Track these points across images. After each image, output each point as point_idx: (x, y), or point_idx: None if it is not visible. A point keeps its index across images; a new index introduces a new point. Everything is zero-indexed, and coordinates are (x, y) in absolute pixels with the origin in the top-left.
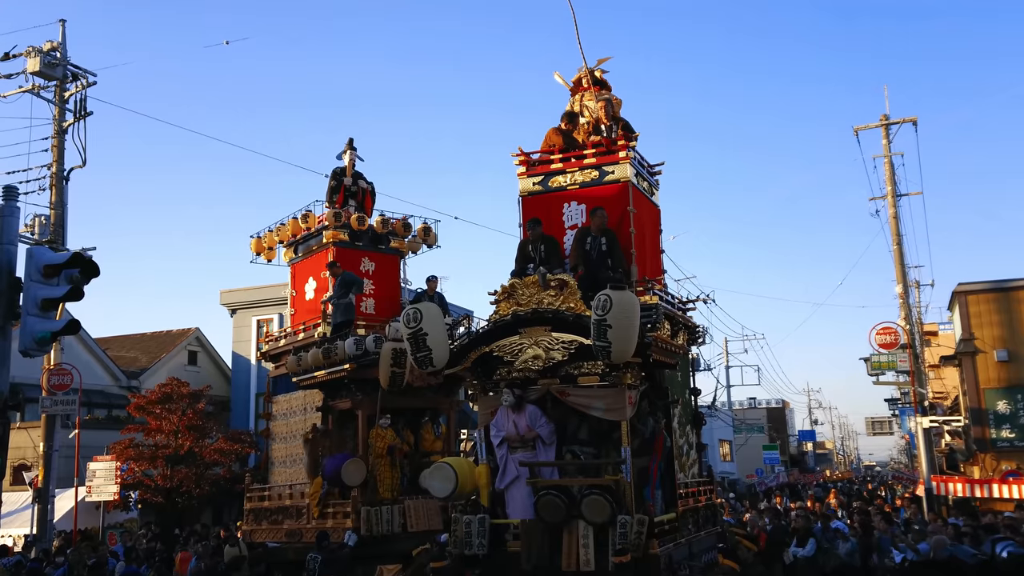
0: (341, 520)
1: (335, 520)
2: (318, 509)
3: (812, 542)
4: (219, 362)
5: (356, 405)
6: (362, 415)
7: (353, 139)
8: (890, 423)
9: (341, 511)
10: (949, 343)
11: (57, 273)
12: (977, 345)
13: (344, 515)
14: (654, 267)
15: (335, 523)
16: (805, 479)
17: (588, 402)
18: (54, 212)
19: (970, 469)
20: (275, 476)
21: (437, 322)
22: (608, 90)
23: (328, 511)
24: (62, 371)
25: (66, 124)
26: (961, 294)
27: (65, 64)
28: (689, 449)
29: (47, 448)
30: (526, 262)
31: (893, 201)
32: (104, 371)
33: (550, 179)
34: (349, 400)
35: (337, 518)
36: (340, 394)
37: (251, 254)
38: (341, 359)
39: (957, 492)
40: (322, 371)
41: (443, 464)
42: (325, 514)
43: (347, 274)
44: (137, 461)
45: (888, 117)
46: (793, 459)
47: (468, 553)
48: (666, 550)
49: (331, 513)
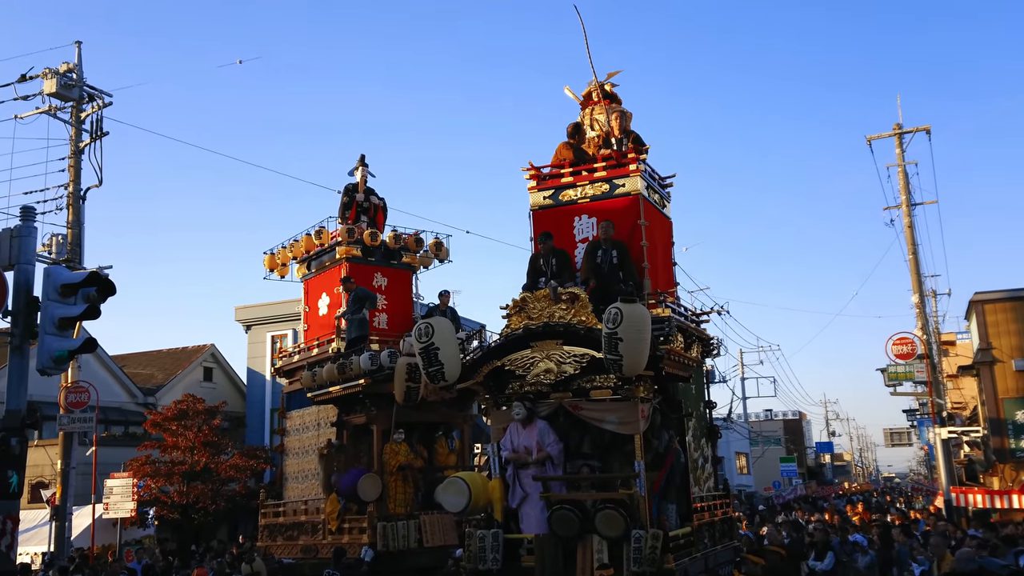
0: (357, 536)
1: (351, 536)
2: (336, 523)
3: (831, 555)
4: (234, 378)
5: (371, 420)
6: (377, 430)
7: (365, 156)
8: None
9: (357, 526)
10: (967, 353)
11: (74, 292)
12: (995, 355)
13: (360, 530)
14: (666, 279)
15: (351, 539)
16: (823, 491)
17: (601, 416)
18: (71, 231)
19: (989, 480)
20: (289, 492)
21: (449, 336)
22: (619, 103)
23: (345, 526)
24: (79, 389)
25: (82, 144)
26: (978, 303)
27: (81, 85)
28: (704, 463)
29: (64, 466)
30: (537, 276)
31: (908, 210)
32: (121, 388)
33: (561, 193)
34: (364, 415)
35: (353, 533)
36: (355, 409)
37: (265, 271)
38: (356, 374)
39: (977, 503)
40: (337, 386)
41: (456, 479)
42: (342, 529)
43: (361, 289)
44: (154, 478)
45: (901, 126)
46: (811, 471)
47: (482, 568)
48: (682, 565)
49: (347, 529)
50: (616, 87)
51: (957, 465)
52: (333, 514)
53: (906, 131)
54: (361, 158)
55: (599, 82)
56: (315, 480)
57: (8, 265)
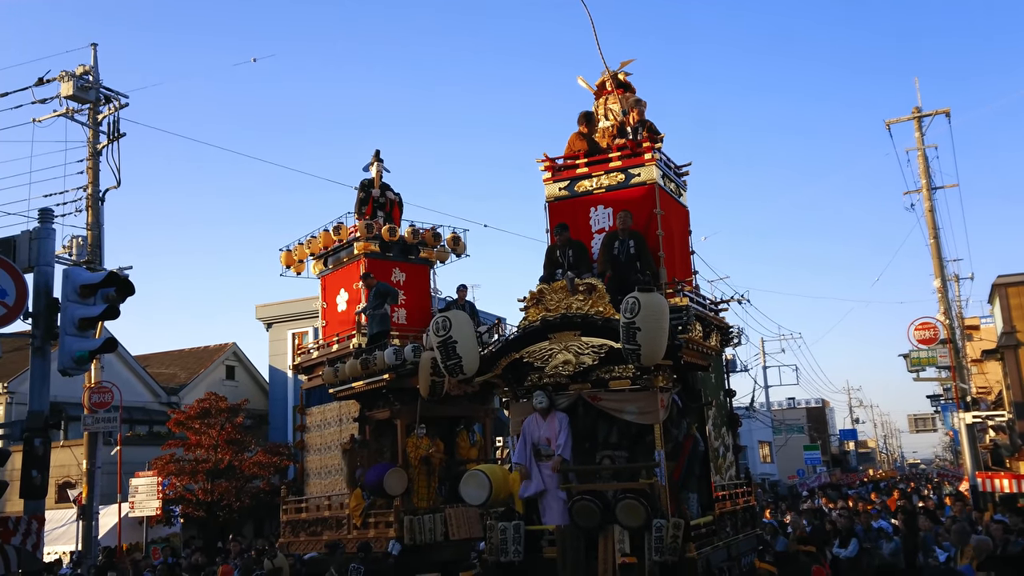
0: (384, 530)
1: (377, 530)
2: (360, 519)
3: (854, 542)
4: (256, 376)
5: (394, 415)
6: (401, 424)
7: (379, 151)
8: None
9: (383, 520)
10: (991, 337)
11: (93, 293)
12: (1019, 338)
13: (387, 524)
14: (684, 268)
15: (377, 533)
16: (847, 479)
17: (620, 406)
18: (91, 233)
19: (1016, 464)
20: (310, 488)
21: (466, 329)
22: (632, 92)
23: (370, 521)
24: (103, 389)
25: (100, 146)
26: (1001, 287)
27: (97, 87)
28: (725, 451)
29: (90, 465)
30: (554, 267)
31: (928, 194)
32: (144, 388)
33: (576, 184)
34: (388, 410)
35: (379, 528)
36: (377, 404)
37: (282, 267)
38: (380, 369)
39: (1003, 488)
40: (360, 382)
41: (477, 472)
42: (367, 524)
43: (381, 285)
44: (178, 476)
45: (920, 109)
46: (835, 459)
47: (504, 560)
48: (704, 553)
49: (373, 523)
50: (630, 76)
51: (982, 450)
52: (358, 509)
53: (925, 114)
54: (376, 153)
55: (612, 72)
56: (338, 476)
57: (28, 267)
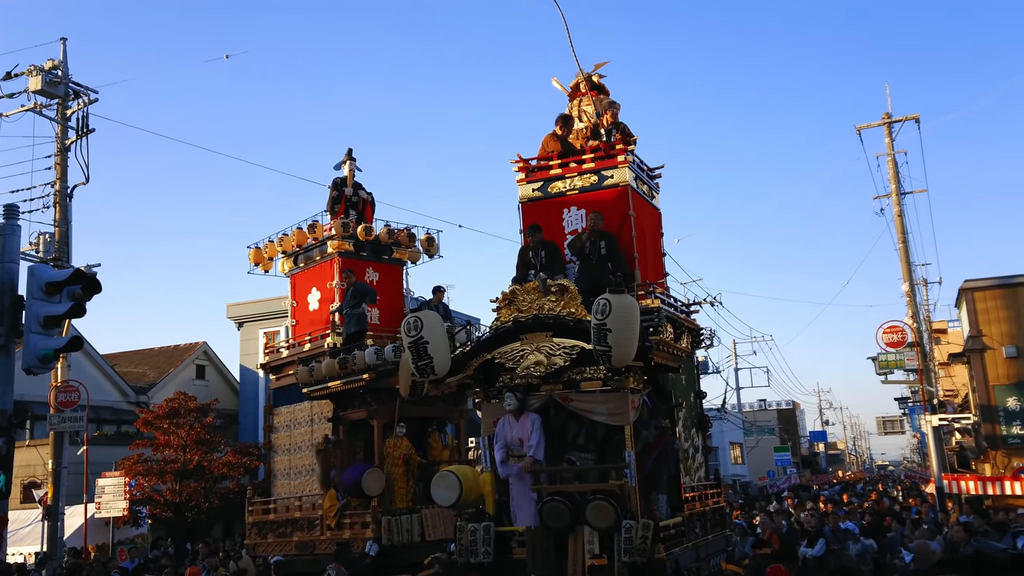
0: (360, 531)
1: (353, 531)
2: (335, 520)
3: (821, 542)
4: (227, 376)
5: (372, 415)
6: (378, 425)
7: (352, 150)
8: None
9: (359, 521)
10: (958, 340)
11: (59, 290)
12: (985, 342)
13: (363, 525)
14: (656, 270)
15: (353, 533)
16: (817, 480)
17: (590, 407)
18: (58, 230)
19: (981, 467)
20: (278, 488)
21: (438, 330)
22: (606, 94)
23: (346, 521)
24: (69, 388)
25: (68, 142)
26: (968, 291)
27: (67, 82)
28: (695, 452)
29: (56, 465)
30: (527, 268)
31: (897, 199)
32: (112, 387)
33: (549, 185)
34: (364, 410)
35: (355, 528)
36: (352, 404)
37: (250, 265)
38: (360, 369)
39: (969, 490)
40: (337, 381)
41: (447, 473)
42: (342, 525)
43: (360, 284)
44: (146, 476)
45: (891, 115)
46: (805, 460)
47: (474, 561)
48: (673, 554)
49: (349, 524)
50: (604, 78)
51: (949, 452)
52: (332, 510)
53: (895, 120)
54: (348, 152)
55: (586, 73)
56: (309, 476)
57: None
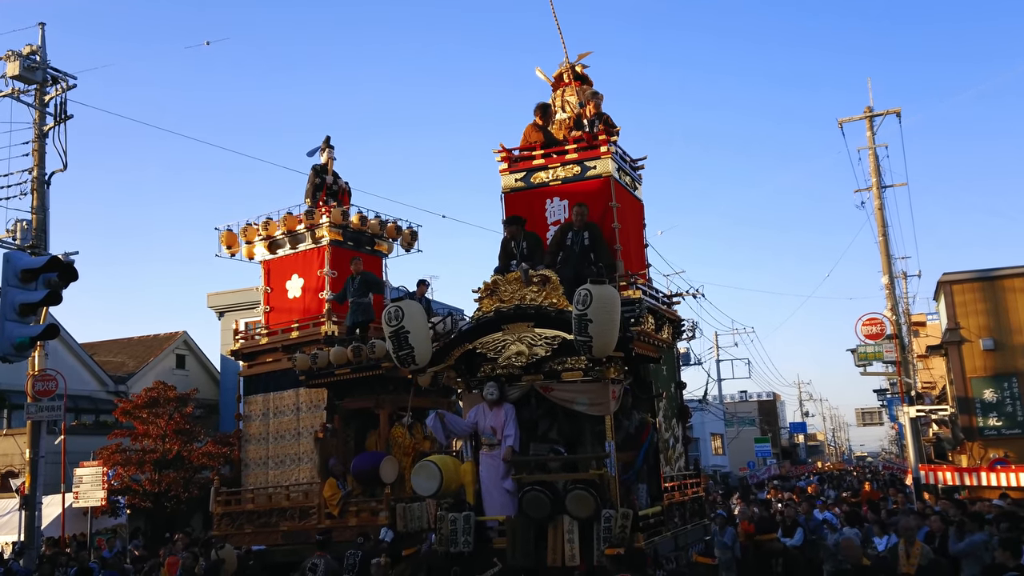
0: (369, 518)
1: (359, 518)
2: (338, 508)
3: (799, 531)
4: (207, 365)
5: (378, 404)
6: (384, 413)
7: (330, 137)
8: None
9: (366, 509)
10: (936, 333)
11: (35, 277)
12: (963, 334)
13: (372, 512)
14: (638, 261)
15: (360, 521)
16: (796, 471)
17: (572, 397)
18: (36, 217)
19: (958, 458)
20: (252, 478)
21: (419, 320)
22: (589, 85)
23: (352, 509)
24: (47, 377)
25: (46, 128)
26: (946, 284)
27: (45, 68)
28: (675, 443)
29: (33, 454)
30: (509, 259)
31: (878, 192)
32: (91, 376)
33: (532, 175)
34: (369, 399)
35: (362, 516)
36: (351, 393)
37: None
38: (379, 358)
39: (946, 480)
40: (346, 369)
41: (428, 463)
42: (346, 513)
43: (368, 274)
44: (125, 466)
45: (872, 109)
46: (785, 451)
47: (454, 551)
48: (652, 543)
49: (355, 512)
50: (587, 68)
51: (926, 443)
52: (334, 498)
53: (876, 114)
54: (326, 140)
55: (570, 64)
56: (296, 465)
57: None
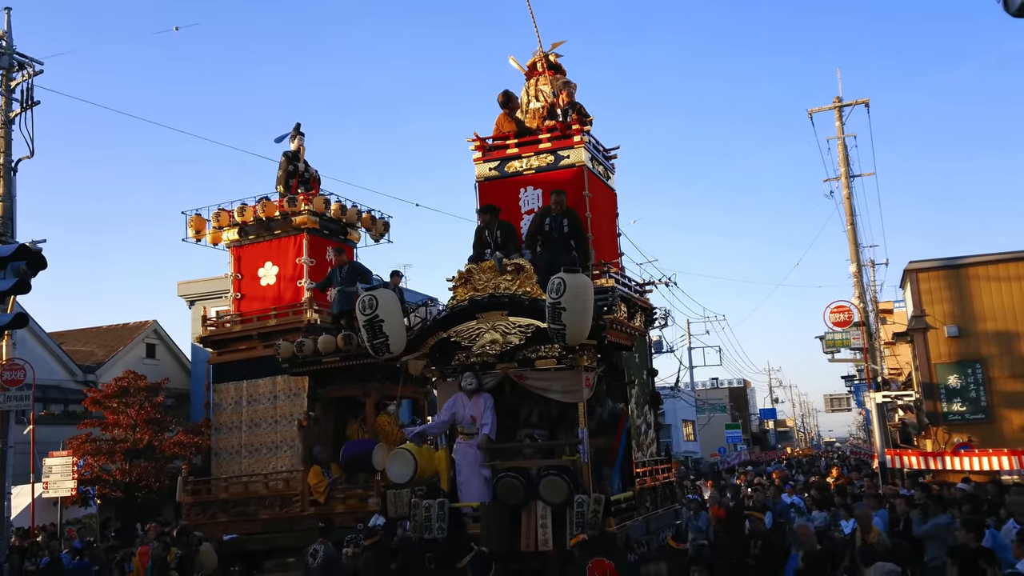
0: (357, 504)
1: (347, 505)
2: (324, 496)
3: (769, 515)
4: (178, 355)
5: (364, 392)
6: (370, 402)
7: (300, 124)
8: (847, 400)
9: (354, 496)
10: (903, 320)
11: (3, 266)
12: (928, 321)
13: (360, 499)
14: (611, 250)
15: (347, 507)
16: (767, 457)
17: (545, 385)
18: (2, 204)
19: (923, 442)
20: (222, 468)
21: (393, 308)
22: (563, 74)
23: (339, 496)
24: (14, 366)
25: (13, 114)
26: (912, 272)
27: (11, 53)
28: (647, 429)
29: (1, 444)
30: (483, 247)
31: (847, 182)
32: (59, 366)
33: (506, 164)
34: (355, 388)
35: (349, 503)
36: (334, 381)
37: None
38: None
39: (911, 465)
40: (335, 357)
41: (402, 450)
42: (332, 500)
43: (356, 263)
44: (95, 456)
45: (841, 99)
46: (755, 437)
47: (428, 537)
48: (623, 528)
49: (343, 499)
50: (560, 57)
51: (892, 428)
52: (320, 486)
53: (845, 104)
54: (296, 127)
55: (544, 53)
56: (273, 453)
57: None
